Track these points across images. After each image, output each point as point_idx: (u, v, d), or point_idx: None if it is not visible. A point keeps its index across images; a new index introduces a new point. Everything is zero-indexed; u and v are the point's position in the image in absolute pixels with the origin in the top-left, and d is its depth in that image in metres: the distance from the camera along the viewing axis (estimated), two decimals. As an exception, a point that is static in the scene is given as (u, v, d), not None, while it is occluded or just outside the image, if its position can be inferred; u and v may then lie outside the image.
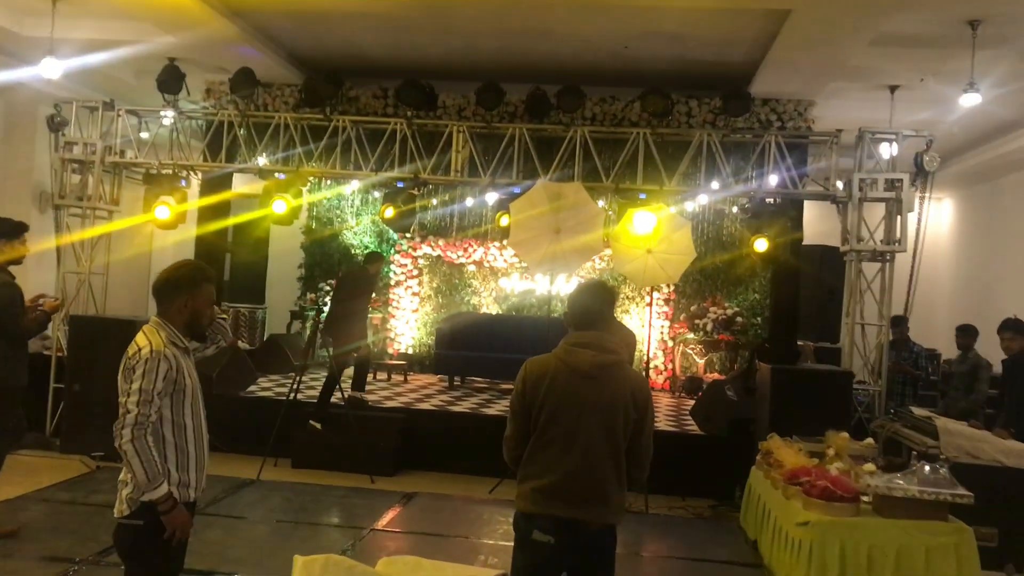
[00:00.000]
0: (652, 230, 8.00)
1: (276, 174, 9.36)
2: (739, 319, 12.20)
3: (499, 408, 9.86)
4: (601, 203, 9.46)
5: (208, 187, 10.13)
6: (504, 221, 8.91)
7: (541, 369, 3.65)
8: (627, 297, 13.08)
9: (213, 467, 3.82)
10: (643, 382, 3.77)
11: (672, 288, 13.01)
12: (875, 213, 8.48)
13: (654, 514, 7.83)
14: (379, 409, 9.46)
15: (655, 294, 13.00)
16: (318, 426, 8.60)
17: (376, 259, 9.30)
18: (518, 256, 8.39)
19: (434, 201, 12.31)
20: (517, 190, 8.73)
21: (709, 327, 12.12)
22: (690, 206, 11.46)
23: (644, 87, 8.93)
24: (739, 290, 12.78)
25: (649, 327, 9.89)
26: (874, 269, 8.50)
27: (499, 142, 8.97)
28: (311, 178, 10.06)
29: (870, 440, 7.12)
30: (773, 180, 8.53)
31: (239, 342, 12.82)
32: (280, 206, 9.17)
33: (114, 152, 9.60)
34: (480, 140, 9.12)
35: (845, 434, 7.37)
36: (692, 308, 12.59)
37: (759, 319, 12.61)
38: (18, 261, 6.26)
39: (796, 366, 8.13)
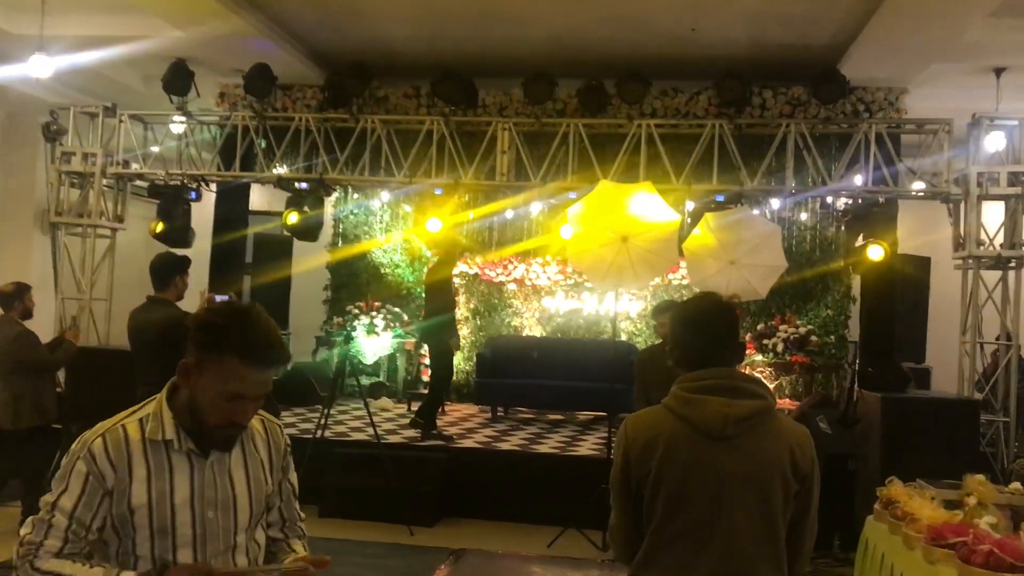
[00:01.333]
0: (735, 237, 6.83)
1: (298, 183, 8.30)
2: (813, 338, 10.94)
3: (552, 445, 8.68)
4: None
5: (223, 200, 9.11)
6: (566, 231, 7.76)
7: (650, 432, 2.46)
8: (684, 316, 11.86)
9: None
10: (805, 436, 2.53)
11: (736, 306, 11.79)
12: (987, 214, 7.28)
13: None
14: (417, 448, 8.32)
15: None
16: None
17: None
18: (579, 270, 7.21)
19: (470, 215, 11.20)
20: (574, 195, 7.61)
21: (780, 348, 10.87)
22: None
23: (709, 79, 7.80)
24: (810, 306, 11.53)
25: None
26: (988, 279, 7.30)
27: (550, 141, 7.85)
28: (335, 189, 8.97)
29: (1017, 485, 5.90)
30: (865, 178, 7.34)
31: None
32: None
33: (116, 163, 8.58)
34: (528, 140, 8.00)
35: (981, 477, 6.17)
36: (759, 327, 11.35)
37: (833, 338, 11.36)
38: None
39: (908, 394, 6.92)
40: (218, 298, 6.14)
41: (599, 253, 6.70)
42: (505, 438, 9.00)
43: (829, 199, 10.28)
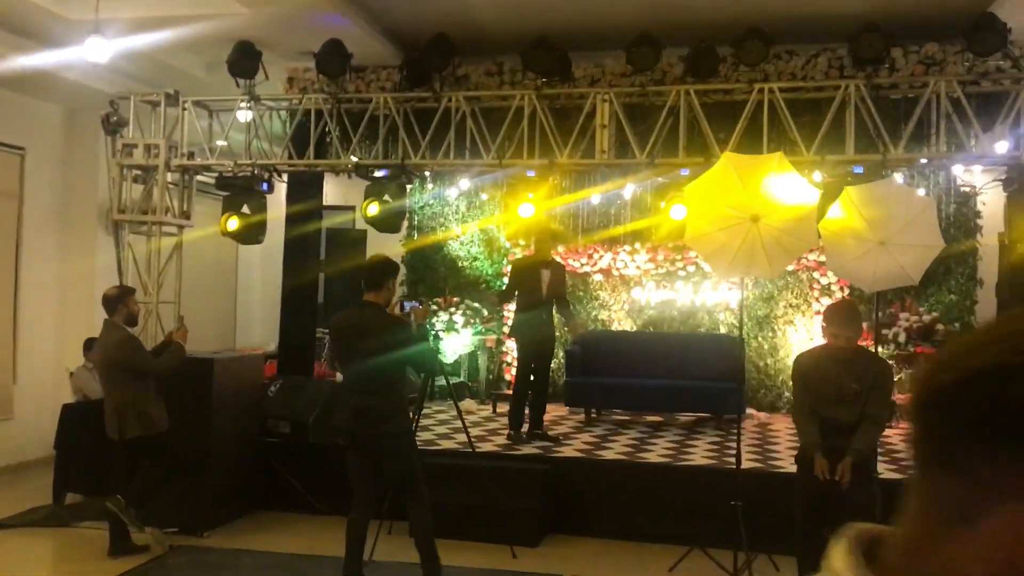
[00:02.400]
0: (884, 214, 5.88)
1: (377, 170, 7.56)
2: (939, 326, 9.90)
3: (660, 452, 7.82)
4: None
5: (295, 193, 8.43)
6: (677, 212, 6.87)
7: None
8: (790, 305, 10.90)
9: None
10: None
11: (846, 292, 10.79)
12: None
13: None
14: (513, 457, 7.55)
15: (824, 300, 10.80)
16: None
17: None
18: (701, 256, 6.35)
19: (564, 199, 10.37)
20: (685, 172, 6.73)
21: (902, 338, 9.84)
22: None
23: (828, 41, 6.84)
24: (931, 291, 10.47)
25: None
26: None
27: (655, 114, 6.98)
28: (416, 175, 8.22)
29: None
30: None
31: (337, 374, 11.12)
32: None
33: (181, 155, 7.95)
34: (630, 113, 7.13)
35: None
36: (878, 315, 10.32)
37: (958, 325, 10.29)
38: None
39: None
40: (407, 304, 5.88)
41: (724, 236, 5.81)
42: (606, 445, 8.17)
43: (962, 169, 9.24)
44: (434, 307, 10.89)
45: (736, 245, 5.77)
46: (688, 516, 6.64)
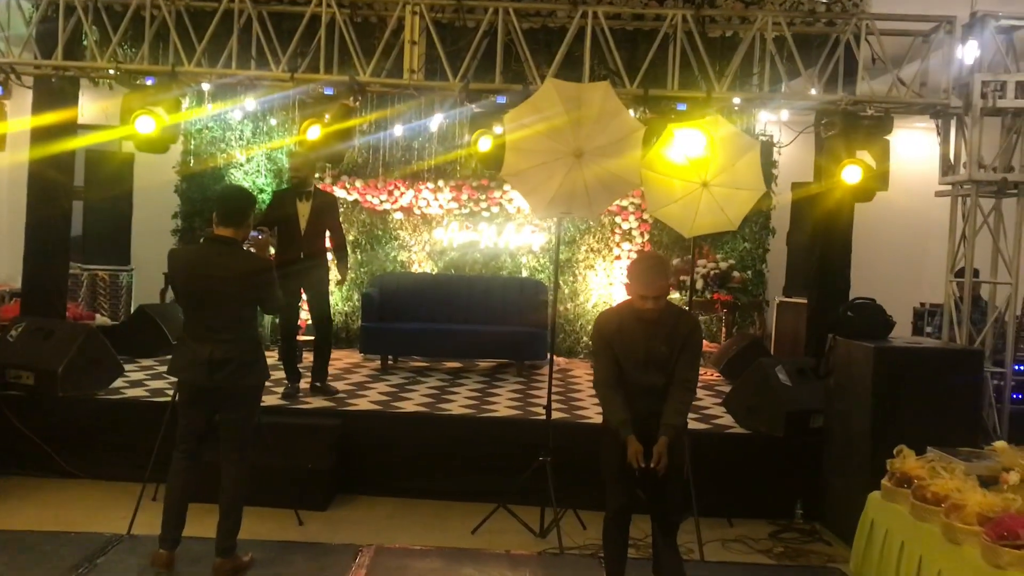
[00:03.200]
0: (706, 155, 5.54)
1: (143, 78, 6.42)
2: (735, 274, 9.97)
3: (462, 403, 7.30)
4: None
5: (42, 102, 7.08)
6: (485, 144, 6.22)
7: None
8: (592, 250, 10.67)
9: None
10: None
11: (647, 238, 10.68)
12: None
13: (714, 563, 5.47)
14: (302, 412, 6.77)
15: (625, 245, 10.65)
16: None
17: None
18: (519, 191, 5.76)
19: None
20: (502, 99, 6.11)
21: (700, 285, 9.83)
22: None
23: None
24: (725, 239, 10.54)
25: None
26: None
27: (471, 35, 6.30)
28: (190, 88, 7.09)
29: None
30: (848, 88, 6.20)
31: (96, 316, 9.79)
32: (147, 124, 6.28)
33: None
34: (444, 31, 6.40)
35: (1005, 444, 5.24)
36: (675, 262, 10.27)
37: (750, 273, 10.45)
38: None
39: (901, 342, 5.91)
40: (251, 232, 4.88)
41: (544, 172, 5.28)
42: (404, 395, 7.55)
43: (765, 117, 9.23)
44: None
45: (557, 182, 5.26)
46: (493, 472, 6.18)
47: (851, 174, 6.31)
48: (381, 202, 10.56)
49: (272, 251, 5.23)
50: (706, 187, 5.50)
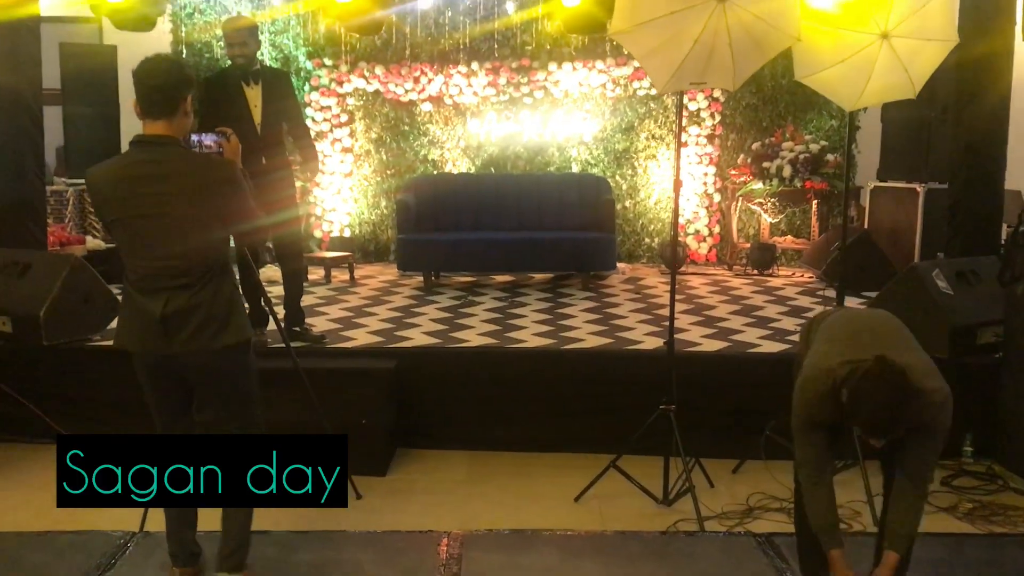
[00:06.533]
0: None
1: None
2: (829, 157, 8.53)
3: (535, 331, 6.01)
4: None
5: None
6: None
7: None
8: (653, 137, 9.21)
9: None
10: None
11: (717, 119, 9.18)
12: None
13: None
14: (341, 354, 5.49)
15: (693, 129, 9.16)
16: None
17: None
18: (635, 54, 4.25)
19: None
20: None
21: (787, 172, 8.39)
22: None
23: None
24: (809, 116, 9.08)
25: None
26: None
27: None
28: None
29: None
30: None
31: (87, 239, 8.43)
32: None
33: None
34: None
35: None
36: (754, 145, 8.82)
37: (838, 156, 9.00)
38: None
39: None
40: (206, 138, 3.15)
41: (673, 24, 3.83)
42: (461, 322, 6.26)
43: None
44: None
45: (691, 36, 3.80)
46: (587, 415, 5.01)
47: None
48: (406, 92, 9.04)
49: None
50: (887, 39, 4.06)
